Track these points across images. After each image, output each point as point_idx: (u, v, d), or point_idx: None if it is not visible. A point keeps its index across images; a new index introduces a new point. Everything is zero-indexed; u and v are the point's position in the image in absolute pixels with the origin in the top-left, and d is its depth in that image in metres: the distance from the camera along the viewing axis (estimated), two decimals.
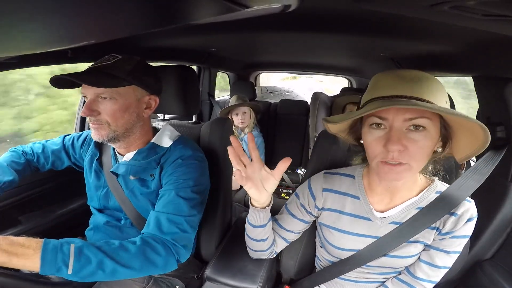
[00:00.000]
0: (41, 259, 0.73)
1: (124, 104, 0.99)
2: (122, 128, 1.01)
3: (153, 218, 0.95)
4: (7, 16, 0.29)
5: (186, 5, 0.46)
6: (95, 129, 0.99)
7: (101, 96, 0.97)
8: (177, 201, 0.98)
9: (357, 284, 1.00)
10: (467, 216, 0.82)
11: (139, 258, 0.85)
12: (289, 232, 1.04)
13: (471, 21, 0.60)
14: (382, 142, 0.72)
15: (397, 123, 0.71)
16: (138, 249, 0.86)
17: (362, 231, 0.92)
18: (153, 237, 0.91)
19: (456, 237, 0.84)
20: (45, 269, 0.73)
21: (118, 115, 0.99)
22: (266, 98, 4.03)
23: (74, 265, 0.76)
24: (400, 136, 0.70)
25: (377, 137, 0.74)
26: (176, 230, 0.94)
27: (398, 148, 0.70)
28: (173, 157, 1.06)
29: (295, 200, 1.03)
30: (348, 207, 0.93)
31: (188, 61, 2.14)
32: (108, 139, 1.00)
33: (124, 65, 0.99)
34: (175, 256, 0.92)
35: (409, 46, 1.38)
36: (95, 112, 0.97)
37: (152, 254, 0.87)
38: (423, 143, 0.71)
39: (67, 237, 0.82)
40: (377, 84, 0.75)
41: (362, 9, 0.73)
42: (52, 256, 0.75)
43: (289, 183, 2.46)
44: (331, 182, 0.96)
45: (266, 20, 0.79)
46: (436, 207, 0.83)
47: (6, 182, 1.08)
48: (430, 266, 0.87)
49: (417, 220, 0.84)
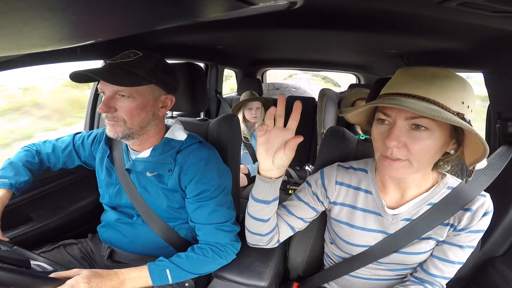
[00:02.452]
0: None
1: (141, 102, 1.00)
2: (137, 126, 1.02)
3: (204, 230, 1.09)
4: (20, 13, 0.30)
5: (193, 2, 0.46)
6: (111, 126, 1.00)
7: (119, 93, 0.97)
8: (218, 210, 1.08)
9: (367, 282, 0.99)
10: (482, 210, 0.81)
11: (211, 264, 1.06)
12: (298, 219, 0.99)
13: (480, 18, 0.59)
14: (384, 137, 0.74)
15: (399, 121, 0.71)
16: (206, 257, 1.04)
17: (374, 226, 0.91)
18: (210, 244, 1.07)
19: (472, 231, 0.82)
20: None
21: (135, 113, 0.99)
22: (273, 95, 4.02)
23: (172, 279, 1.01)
24: (400, 133, 0.71)
25: (380, 131, 0.76)
26: (226, 233, 1.09)
27: (394, 144, 0.71)
28: (193, 158, 1.08)
29: (306, 188, 1.00)
30: (360, 202, 0.93)
31: (196, 58, 2.15)
32: (123, 136, 1.01)
33: (145, 63, 0.99)
34: (234, 250, 1.10)
35: (418, 42, 1.36)
36: (112, 109, 0.97)
37: (218, 258, 1.06)
38: (425, 143, 0.71)
39: (78, 233, 0.87)
40: (392, 81, 0.77)
41: (369, 6, 0.73)
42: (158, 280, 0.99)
43: (297, 179, 2.45)
44: (345, 175, 0.95)
45: (273, 17, 0.79)
46: (449, 203, 0.82)
47: (22, 183, 1.10)
48: (443, 262, 0.86)
49: (430, 216, 0.84)
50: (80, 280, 0.85)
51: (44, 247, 1.17)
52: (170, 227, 1.14)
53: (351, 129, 2.20)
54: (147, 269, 0.98)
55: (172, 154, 1.09)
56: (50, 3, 0.30)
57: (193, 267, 1.03)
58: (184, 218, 1.14)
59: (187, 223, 1.14)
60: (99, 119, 1.72)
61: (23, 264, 0.85)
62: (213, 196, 1.07)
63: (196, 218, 1.09)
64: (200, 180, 1.06)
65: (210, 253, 1.05)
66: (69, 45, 0.83)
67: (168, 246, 1.15)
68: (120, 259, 1.18)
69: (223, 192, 1.10)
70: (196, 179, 1.06)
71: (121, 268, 0.98)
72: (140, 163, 1.09)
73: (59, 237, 1.27)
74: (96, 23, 0.43)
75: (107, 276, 0.92)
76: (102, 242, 1.21)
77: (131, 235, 1.15)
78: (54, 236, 1.30)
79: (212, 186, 1.07)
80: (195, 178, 1.06)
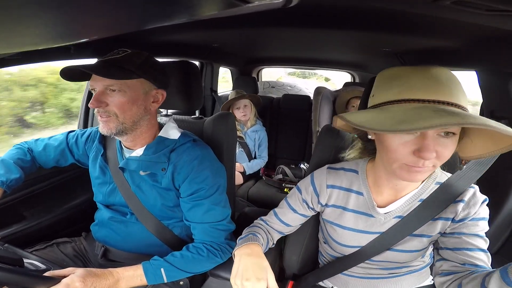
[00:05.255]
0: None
1: (132, 96, 1.00)
2: (130, 121, 1.02)
3: (199, 229, 1.09)
4: (13, 12, 0.29)
5: (189, 0, 0.46)
6: (104, 122, 1.00)
7: (110, 88, 0.98)
8: (212, 209, 1.08)
9: (361, 280, 1.00)
10: (475, 199, 0.81)
11: (206, 262, 1.06)
12: (288, 226, 1.04)
13: (474, 17, 0.60)
14: (412, 148, 0.68)
15: (432, 131, 0.67)
16: (201, 256, 1.05)
17: (365, 227, 0.91)
18: (204, 243, 1.07)
19: (476, 219, 0.81)
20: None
21: (126, 107, 1.00)
22: (268, 93, 4.02)
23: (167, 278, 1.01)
24: (434, 143, 0.67)
25: (405, 141, 0.69)
26: (222, 232, 1.10)
27: (433, 156, 0.67)
28: (186, 157, 1.08)
29: (296, 194, 1.01)
30: (351, 203, 0.93)
31: (191, 57, 2.14)
32: (116, 131, 1.02)
33: (133, 59, 1.00)
34: (229, 249, 1.10)
35: (412, 41, 1.37)
36: (103, 103, 0.98)
37: (213, 257, 1.06)
38: (452, 148, 0.69)
39: (72, 231, 0.87)
40: (409, 82, 0.69)
41: (363, 5, 0.73)
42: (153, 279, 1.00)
43: (292, 178, 2.46)
44: (335, 177, 0.95)
45: (268, 15, 0.79)
46: (437, 198, 0.83)
47: (13, 180, 1.10)
48: (472, 251, 0.80)
49: (420, 212, 0.84)
50: (75, 279, 0.85)
51: (37, 246, 1.16)
52: (164, 226, 1.14)
53: None
54: (141, 268, 0.98)
55: (166, 153, 1.08)
56: (44, 1, 0.30)
57: (188, 266, 1.03)
58: (178, 217, 1.14)
59: (182, 222, 1.14)
60: (93, 118, 1.71)
61: (16, 263, 0.84)
62: (208, 195, 1.07)
63: (191, 217, 1.09)
64: (193, 179, 1.06)
65: (205, 252, 1.05)
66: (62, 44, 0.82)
67: (162, 244, 1.15)
68: (114, 257, 1.18)
69: (217, 191, 1.10)
70: (190, 178, 1.06)
71: (116, 267, 0.97)
72: (133, 161, 1.09)
73: (53, 235, 1.27)
74: (90, 21, 0.42)
75: (102, 275, 0.92)
76: (96, 241, 1.21)
77: (125, 234, 1.15)
78: (48, 235, 1.29)
79: (206, 185, 1.07)
80: (188, 177, 1.06)
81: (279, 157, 2.91)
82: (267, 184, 2.48)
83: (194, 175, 1.06)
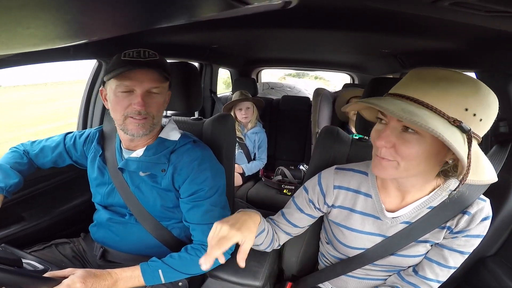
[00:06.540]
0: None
1: (164, 98, 1.06)
2: (158, 121, 1.07)
3: (199, 230, 1.07)
4: (13, 13, 0.29)
5: (188, 2, 0.46)
6: (139, 125, 1.01)
7: (153, 90, 1.01)
8: (212, 211, 1.07)
9: (360, 281, 0.99)
10: (481, 215, 0.80)
11: None
12: (295, 227, 1.02)
13: (473, 18, 0.60)
14: (378, 136, 0.74)
15: (392, 121, 0.71)
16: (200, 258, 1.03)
17: (372, 229, 0.91)
18: (203, 244, 1.06)
19: (470, 236, 0.82)
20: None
21: (161, 109, 1.06)
22: (268, 94, 4.02)
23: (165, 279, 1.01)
24: (390, 133, 0.71)
25: (376, 130, 0.77)
26: None
27: (381, 144, 0.71)
28: (186, 158, 1.08)
29: (303, 194, 1.00)
30: (359, 205, 0.92)
31: (190, 58, 2.14)
32: (149, 132, 1.05)
33: (163, 61, 1.04)
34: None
35: (411, 42, 1.37)
36: (147, 105, 1.00)
37: None
38: (412, 146, 0.69)
39: (71, 232, 0.86)
40: (401, 81, 0.74)
41: (363, 6, 0.73)
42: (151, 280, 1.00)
43: (291, 179, 2.46)
44: (343, 178, 0.94)
45: (267, 17, 0.79)
46: (447, 206, 0.82)
47: (12, 185, 1.09)
48: (441, 267, 0.86)
49: (427, 220, 0.84)
50: (76, 280, 0.85)
51: (36, 246, 1.16)
52: (163, 227, 1.14)
53: (345, 128, 2.21)
54: (139, 269, 0.99)
55: (166, 154, 1.09)
56: (44, 2, 0.30)
57: (186, 267, 1.03)
58: (178, 218, 1.14)
59: (181, 223, 1.13)
60: (92, 119, 1.70)
61: (14, 263, 0.84)
62: (207, 196, 1.07)
63: (190, 218, 1.09)
64: (193, 180, 1.06)
65: (204, 254, 1.04)
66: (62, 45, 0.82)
67: (161, 245, 1.14)
68: (113, 258, 1.18)
69: (217, 192, 1.10)
70: (190, 179, 1.06)
71: (114, 268, 0.97)
72: (133, 162, 1.09)
73: (52, 236, 1.26)
74: (90, 22, 0.42)
75: (101, 276, 0.92)
76: (95, 242, 1.21)
77: (123, 234, 1.15)
78: (46, 236, 1.29)
79: (206, 186, 1.07)
80: (188, 178, 1.06)
81: (278, 158, 2.92)
82: (266, 185, 2.47)
83: (194, 176, 1.06)
